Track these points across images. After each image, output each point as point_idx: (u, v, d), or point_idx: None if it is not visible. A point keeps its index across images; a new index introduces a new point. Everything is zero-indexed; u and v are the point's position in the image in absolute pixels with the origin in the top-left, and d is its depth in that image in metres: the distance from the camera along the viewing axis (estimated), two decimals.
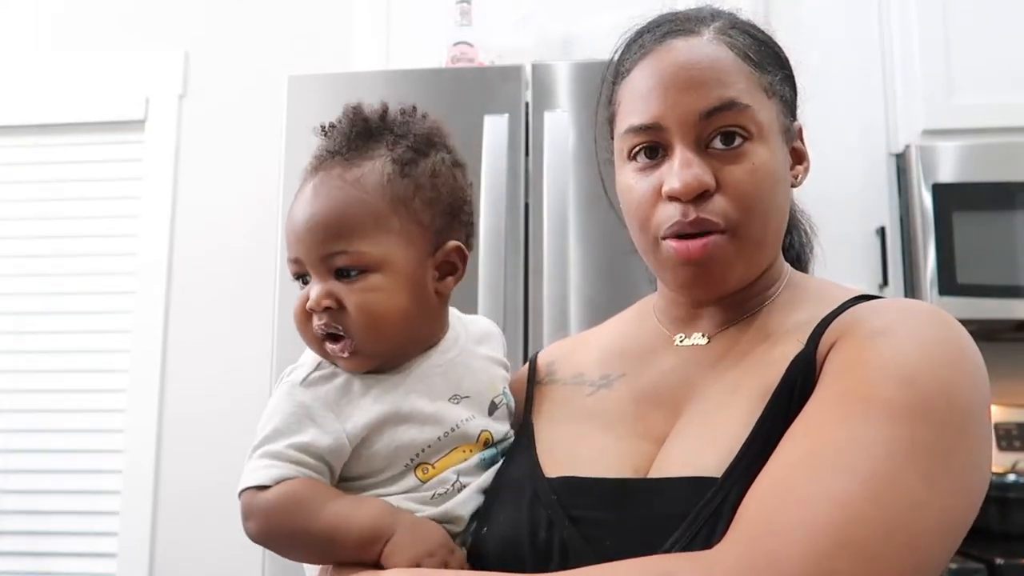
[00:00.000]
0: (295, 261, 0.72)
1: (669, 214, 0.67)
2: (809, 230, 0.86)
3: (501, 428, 0.76)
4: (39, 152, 2.36)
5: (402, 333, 0.72)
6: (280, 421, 0.69)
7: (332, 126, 0.76)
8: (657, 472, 0.64)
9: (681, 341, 0.74)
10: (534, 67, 1.59)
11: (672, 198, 0.66)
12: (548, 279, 1.48)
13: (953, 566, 1.50)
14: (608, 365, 0.77)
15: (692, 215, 0.65)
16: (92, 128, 2.33)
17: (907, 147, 1.84)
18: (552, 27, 1.84)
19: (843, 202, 1.87)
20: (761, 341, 0.69)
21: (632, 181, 0.71)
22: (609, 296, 1.47)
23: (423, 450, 0.70)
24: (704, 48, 0.69)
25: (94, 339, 2.26)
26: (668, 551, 0.57)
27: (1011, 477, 1.75)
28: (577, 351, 0.84)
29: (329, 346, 0.71)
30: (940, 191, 1.80)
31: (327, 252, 0.70)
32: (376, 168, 0.72)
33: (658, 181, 0.68)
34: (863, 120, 1.90)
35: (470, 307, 1.47)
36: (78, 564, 2.17)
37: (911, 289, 1.83)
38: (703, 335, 0.73)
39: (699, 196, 0.66)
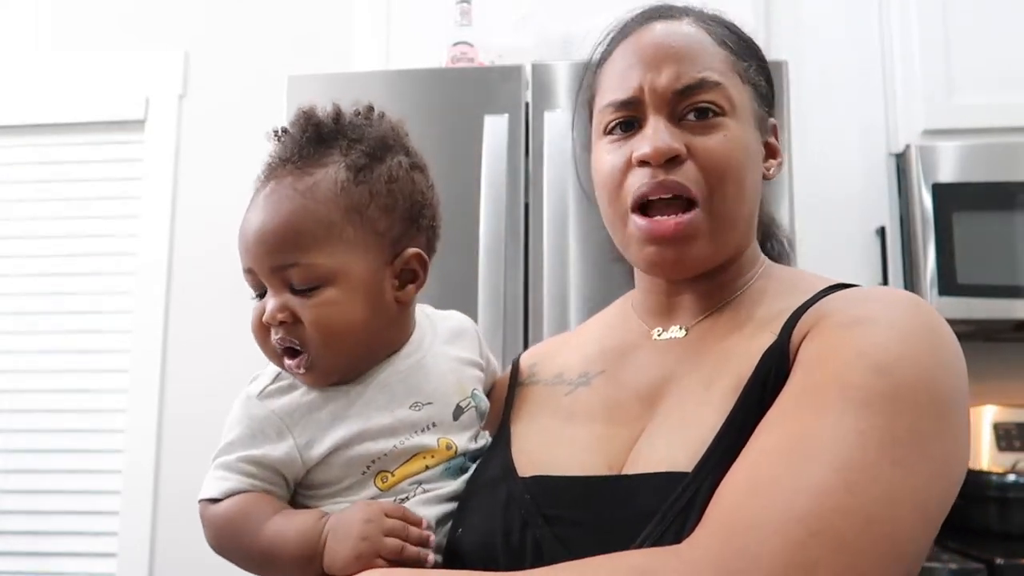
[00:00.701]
0: (249, 272, 0.71)
1: (639, 178, 0.68)
2: (788, 243, 0.86)
3: (464, 435, 0.74)
4: (39, 152, 2.36)
5: (361, 346, 0.70)
6: (235, 433, 0.69)
7: (285, 131, 0.73)
8: (631, 468, 0.64)
9: (659, 335, 0.74)
10: (534, 67, 1.59)
11: (642, 163, 0.68)
12: (548, 279, 1.47)
13: (953, 566, 1.50)
14: (588, 364, 0.77)
15: (661, 176, 0.67)
16: (92, 128, 2.33)
17: (907, 147, 1.84)
18: (552, 27, 1.84)
19: (843, 202, 1.87)
20: (736, 331, 0.69)
21: (604, 153, 0.72)
22: (609, 296, 1.46)
23: (378, 458, 0.69)
24: (683, 28, 0.72)
25: (94, 339, 2.26)
26: (639, 548, 0.57)
27: (1011, 477, 1.75)
28: (559, 351, 0.84)
29: (287, 361, 0.70)
30: (940, 191, 1.80)
31: (279, 264, 0.68)
32: (329, 176, 0.69)
33: (629, 150, 0.69)
34: (863, 120, 1.90)
35: (470, 307, 1.47)
36: (78, 564, 2.17)
37: (911, 289, 1.83)
38: (681, 327, 0.73)
39: (669, 162, 0.67)
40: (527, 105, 1.57)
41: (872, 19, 1.93)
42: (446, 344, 0.78)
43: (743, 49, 0.74)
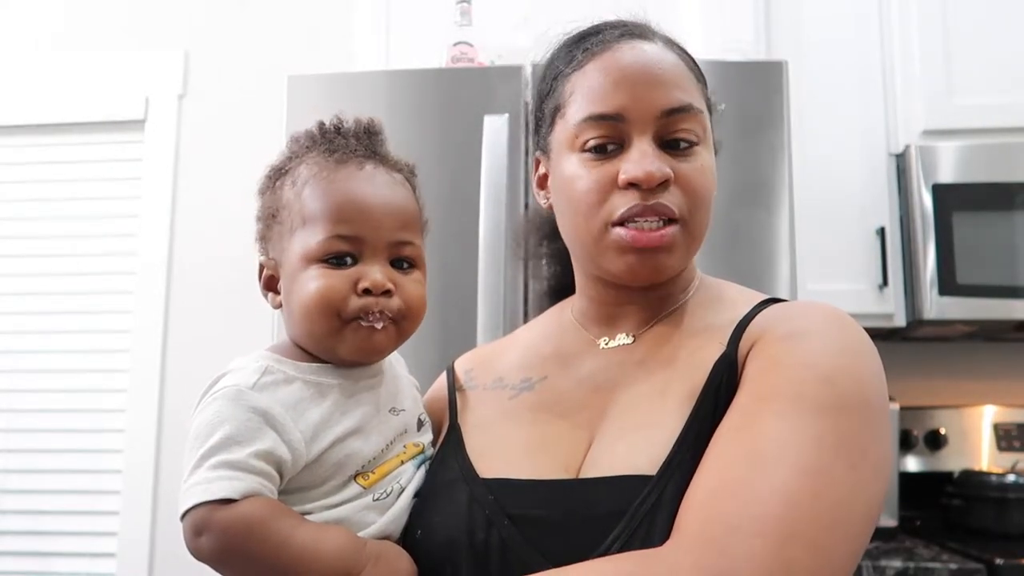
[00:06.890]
0: (353, 239, 0.69)
1: (626, 200, 0.68)
2: None
3: (425, 438, 0.77)
4: (39, 152, 2.36)
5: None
6: (233, 428, 0.64)
7: (337, 128, 0.76)
8: (590, 471, 0.66)
9: (606, 344, 0.75)
10: (534, 67, 1.58)
11: (631, 185, 0.68)
12: None
13: (953, 566, 1.50)
14: (528, 369, 0.78)
15: (652, 200, 0.68)
16: (92, 128, 2.33)
17: (907, 147, 1.84)
18: (552, 27, 1.84)
19: (843, 202, 1.87)
20: (684, 340, 0.71)
21: (580, 170, 0.71)
22: None
23: (369, 461, 0.70)
24: (662, 52, 0.73)
25: (94, 339, 2.26)
26: (609, 548, 0.58)
27: (1011, 477, 1.75)
28: (493, 358, 0.84)
29: (363, 324, 0.69)
30: (940, 191, 1.80)
31: (399, 239, 0.72)
32: (405, 180, 0.76)
33: (613, 170, 0.69)
34: (863, 120, 1.90)
35: (470, 308, 1.47)
36: (78, 564, 2.17)
37: (911, 289, 1.83)
38: (627, 334, 0.75)
39: (658, 186, 0.68)
40: (527, 105, 1.57)
41: (872, 19, 1.93)
42: (396, 363, 0.81)
43: (699, 73, 0.76)
